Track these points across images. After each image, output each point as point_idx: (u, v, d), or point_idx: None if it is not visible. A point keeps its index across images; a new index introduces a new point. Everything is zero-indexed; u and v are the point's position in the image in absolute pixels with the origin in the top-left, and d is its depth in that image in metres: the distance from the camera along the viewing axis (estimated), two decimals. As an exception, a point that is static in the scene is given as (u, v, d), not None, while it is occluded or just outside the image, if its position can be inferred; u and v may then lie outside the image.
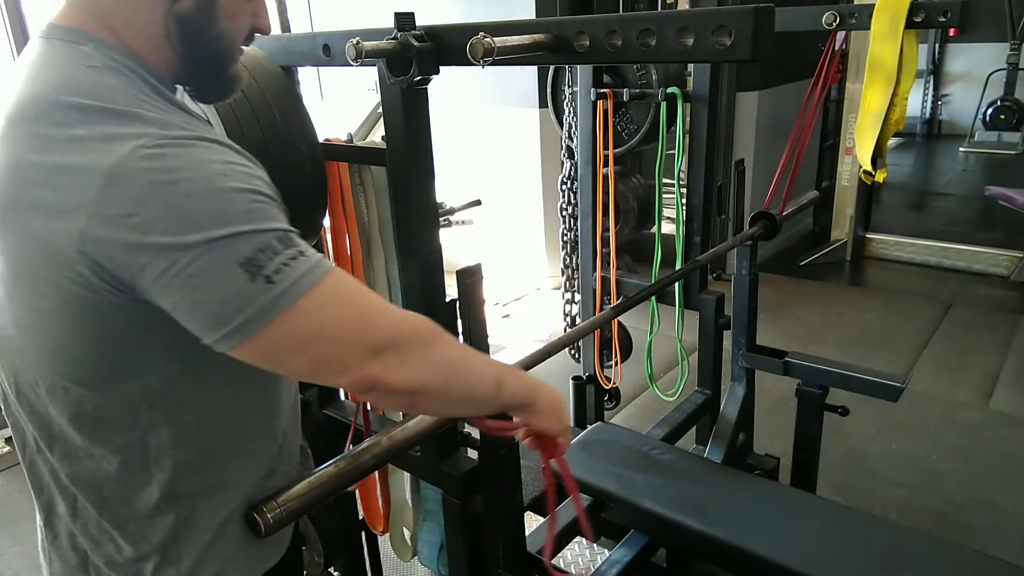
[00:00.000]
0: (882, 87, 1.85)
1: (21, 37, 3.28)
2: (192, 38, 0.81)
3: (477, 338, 1.23)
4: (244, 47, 0.88)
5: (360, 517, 1.85)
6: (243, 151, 0.75)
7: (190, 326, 0.70)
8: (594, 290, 2.37)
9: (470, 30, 0.98)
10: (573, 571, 2.09)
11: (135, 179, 0.66)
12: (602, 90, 2.16)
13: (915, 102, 8.70)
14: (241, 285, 0.67)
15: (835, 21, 1.83)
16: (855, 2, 3.89)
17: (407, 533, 1.85)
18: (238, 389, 0.85)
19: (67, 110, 0.70)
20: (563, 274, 2.54)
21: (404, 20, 1.08)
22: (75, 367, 0.75)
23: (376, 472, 1.74)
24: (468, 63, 0.98)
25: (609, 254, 2.33)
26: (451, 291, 1.29)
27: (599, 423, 2.18)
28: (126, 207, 0.66)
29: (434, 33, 1.09)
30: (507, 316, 4.45)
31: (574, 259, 2.48)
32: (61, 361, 0.75)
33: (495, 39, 0.95)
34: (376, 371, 0.74)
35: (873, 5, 1.78)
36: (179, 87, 0.87)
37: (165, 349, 0.76)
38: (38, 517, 0.89)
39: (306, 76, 1.52)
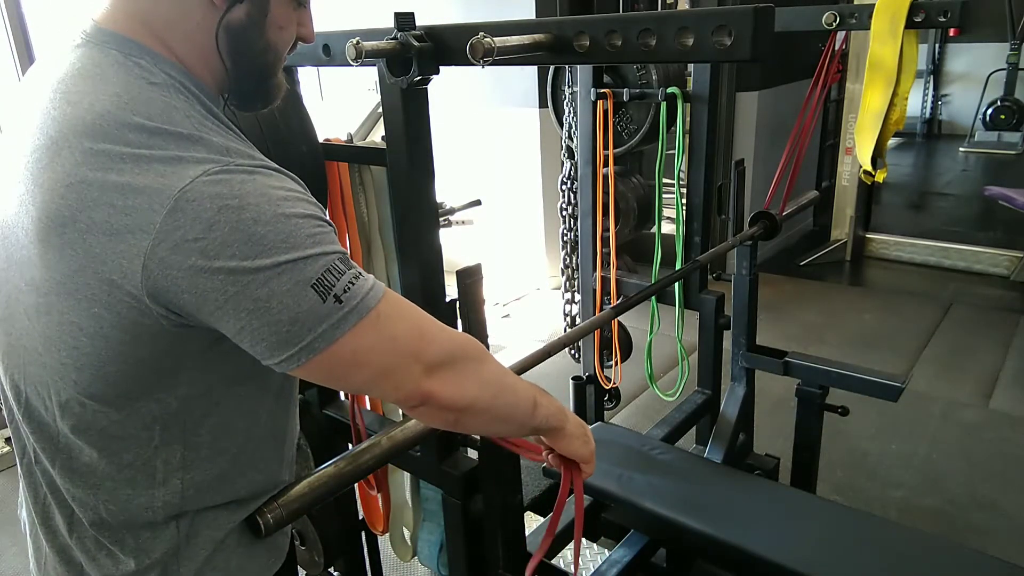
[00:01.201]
0: (882, 87, 1.85)
1: (22, 40, 3.28)
2: (241, 50, 0.81)
3: (477, 338, 1.23)
4: (287, 55, 0.88)
5: (360, 517, 1.85)
6: (295, 177, 0.76)
7: (255, 348, 0.71)
8: (594, 290, 2.36)
9: (470, 30, 0.98)
10: (573, 571, 2.09)
11: (203, 203, 0.66)
12: (602, 90, 2.16)
13: (915, 102, 8.70)
14: (312, 306, 0.69)
15: (835, 21, 1.83)
16: (855, 2, 3.89)
17: (407, 533, 1.85)
18: (253, 415, 0.85)
19: (135, 130, 0.69)
20: (563, 274, 2.53)
21: (404, 20, 1.08)
22: (101, 385, 0.74)
23: (376, 472, 1.74)
24: (468, 63, 0.98)
25: (609, 254, 2.33)
26: (451, 291, 1.29)
27: (599, 423, 2.18)
28: (194, 231, 0.66)
29: (434, 33, 1.09)
30: (507, 316, 4.45)
31: (574, 259, 2.48)
32: (87, 378, 0.74)
33: (495, 39, 0.95)
34: (431, 386, 0.77)
35: (873, 5, 1.78)
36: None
37: (192, 372, 0.76)
38: (34, 524, 0.88)
39: (306, 76, 1.52)
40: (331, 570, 1.77)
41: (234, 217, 0.66)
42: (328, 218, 0.76)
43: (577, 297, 2.50)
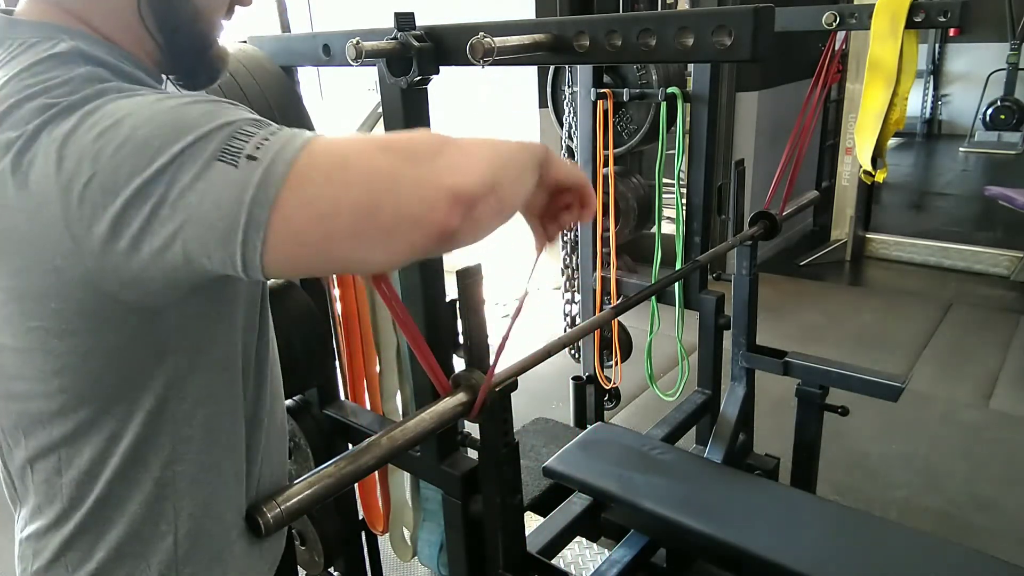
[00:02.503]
0: (882, 87, 1.85)
1: None
2: (168, 21, 0.77)
3: (477, 338, 1.23)
4: (226, 21, 0.84)
5: (360, 517, 1.85)
6: (212, 96, 0.69)
7: (213, 261, 0.61)
8: (594, 290, 2.37)
9: (470, 30, 0.98)
10: (573, 571, 2.09)
11: (82, 140, 0.61)
12: (602, 90, 2.16)
13: (915, 102, 8.70)
14: (225, 177, 0.59)
15: (835, 21, 1.83)
16: (855, 2, 3.89)
17: (407, 533, 1.85)
18: (213, 450, 0.80)
19: (24, 105, 0.64)
20: (563, 274, 2.54)
21: (404, 20, 1.08)
22: (87, 385, 0.71)
23: (376, 472, 1.74)
24: (468, 63, 0.98)
25: (609, 254, 2.33)
26: (451, 291, 1.29)
27: (599, 423, 2.18)
28: (85, 172, 0.60)
29: (434, 33, 1.09)
30: (507, 316, 4.45)
31: (574, 259, 2.48)
32: (69, 382, 0.71)
33: (495, 39, 0.95)
34: (444, 178, 0.61)
35: (873, 5, 1.78)
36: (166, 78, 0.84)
37: (177, 356, 0.73)
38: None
39: (306, 76, 1.52)
40: (331, 570, 1.77)
41: (113, 134, 0.60)
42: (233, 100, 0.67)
43: (577, 297, 2.50)
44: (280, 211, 0.58)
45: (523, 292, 0.95)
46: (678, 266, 2.16)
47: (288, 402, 1.64)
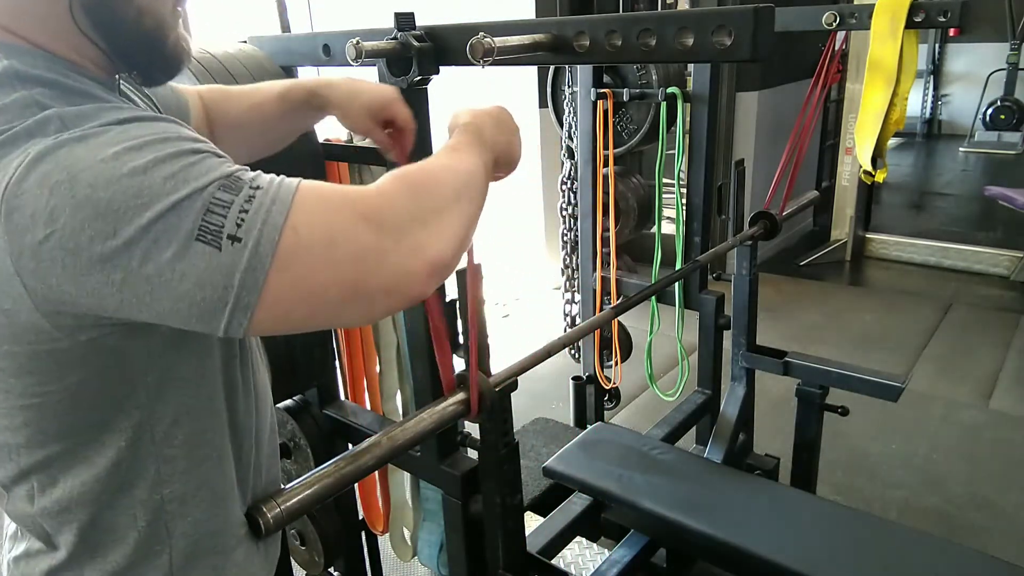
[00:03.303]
0: (882, 87, 1.85)
1: None
2: (108, 24, 0.69)
3: (477, 338, 1.23)
4: (180, 9, 0.76)
5: (360, 517, 1.85)
6: (163, 117, 0.65)
7: (189, 326, 0.61)
8: (594, 290, 2.37)
9: (470, 30, 0.98)
10: (573, 571, 2.09)
11: (33, 193, 0.56)
12: (602, 90, 2.16)
13: (915, 102, 8.70)
14: (209, 261, 0.57)
15: (835, 21, 1.84)
16: (855, 2, 3.89)
17: (407, 533, 1.85)
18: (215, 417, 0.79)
19: None
20: (563, 274, 2.53)
21: (404, 20, 1.08)
22: (54, 423, 0.69)
23: (376, 472, 1.74)
24: (468, 63, 0.98)
25: (609, 254, 2.33)
26: (451, 291, 1.29)
27: (599, 423, 2.18)
28: (40, 229, 0.56)
29: (434, 33, 1.09)
30: (507, 316, 4.45)
31: (574, 259, 2.48)
32: (35, 416, 0.69)
33: (495, 39, 0.95)
34: (425, 252, 0.65)
35: (873, 5, 1.79)
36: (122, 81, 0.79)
37: (148, 379, 0.71)
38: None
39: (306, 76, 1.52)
40: (331, 570, 1.77)
41: (68, 194, 0.56)
42: (197, 141, 0.62)
43: (577, 297, 2.50)
44: (269, 293, 0.59)
45: None
46: (678, 266, 2.16)
47: (288, 402, 1.64)
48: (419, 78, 1.10)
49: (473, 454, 1.35)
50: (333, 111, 1.03)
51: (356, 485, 1.73)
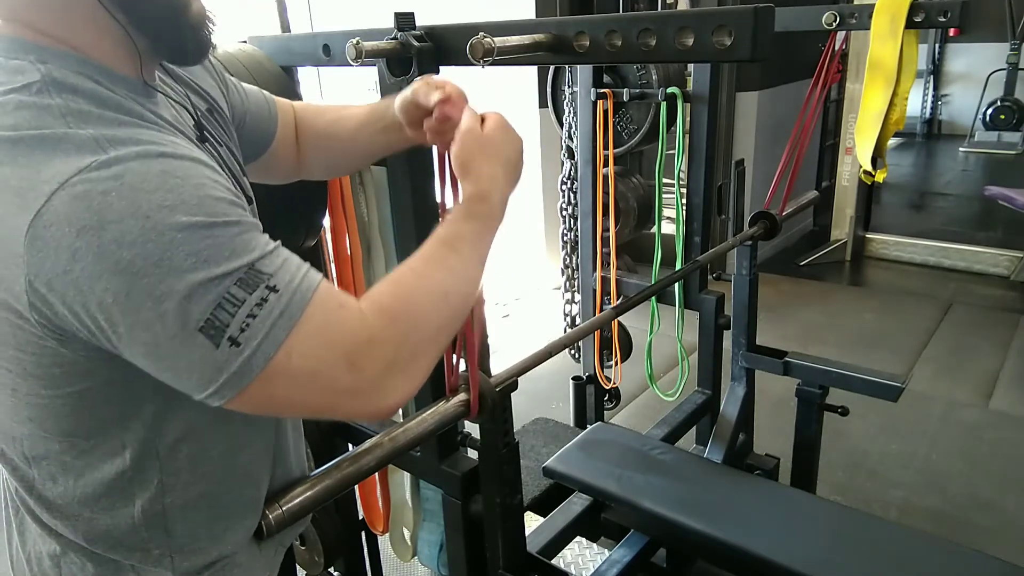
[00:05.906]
0: (882, 87, 1.85)
1: None
2: None
3: (477, 338, 1.23)
4: None
5: (360, 517, 1.85)
6: (197, 159, 0.65)
7: (168, 383, 0.65)
8: (594, 290, 2.37)
9: (470, 30, 0.98)
10: (573, 571, 2.09)
11: (62, 229, 0.57)
12: (602, 90, 2.16)
13: (915, 102, 8.70)
14: (205, 353, 0.60)
15: (835, 21, 1.83)
16: (855, 2, 3.89)
17: (407, 533, 1.85)
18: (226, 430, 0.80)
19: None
20: (563, 274, 2.53)
21: (404, 20, 1.08)
22: (54, 422, 0.70)
23: (376, 472, 1.74)
24: (468, 63, 0.98)
25: (609, 254, 2.33)
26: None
27: (599, 423, 2.18)
28: (60, 264, 0.58)
29: (434, 33, 1.09)
30: (507, 316, 4.45)
31: (574, 259, 2.48)
32: (40, 414, 0.70)
33: (495, 39, 0.95)
34: (394, 396, 0.69)
35: (873, 5, 1.78)
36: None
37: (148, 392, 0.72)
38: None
39: (306, 76, 1.52)
40: (331, 570, 1.77)
41: (95, 242, 0.57)
42: (229, 196, 0.64)
43: (577, 297, 2.50)
44: (246, 395, 0.63)
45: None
46: (678, 266, 2.16)
47: (288, 402, 1.64)
48: (419, 78, 1.09)
49: (473, 454, 1.35)
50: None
51: (356, 485, 1.73)
